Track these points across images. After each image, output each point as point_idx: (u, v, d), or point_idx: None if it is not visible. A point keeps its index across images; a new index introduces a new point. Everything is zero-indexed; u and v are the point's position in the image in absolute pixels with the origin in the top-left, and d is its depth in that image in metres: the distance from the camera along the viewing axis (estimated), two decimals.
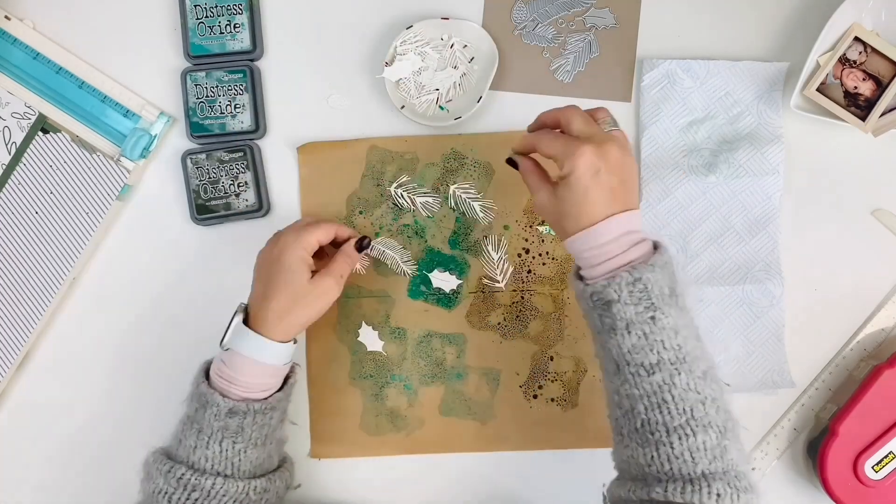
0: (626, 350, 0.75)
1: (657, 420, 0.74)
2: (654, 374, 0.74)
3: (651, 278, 0.74)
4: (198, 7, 1.01)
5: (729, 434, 0.75)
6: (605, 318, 0.76)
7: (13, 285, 1.02)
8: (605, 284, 0.75)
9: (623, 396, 0.76)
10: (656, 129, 1.01)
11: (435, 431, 1.01)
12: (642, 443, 0.75)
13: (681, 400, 0.74)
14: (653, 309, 0.74)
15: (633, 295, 0.74)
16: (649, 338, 0.74)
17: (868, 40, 0.95)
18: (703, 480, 0.72)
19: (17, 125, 1.02)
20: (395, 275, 1.02)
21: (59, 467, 1.04)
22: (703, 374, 0.75)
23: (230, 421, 0.84)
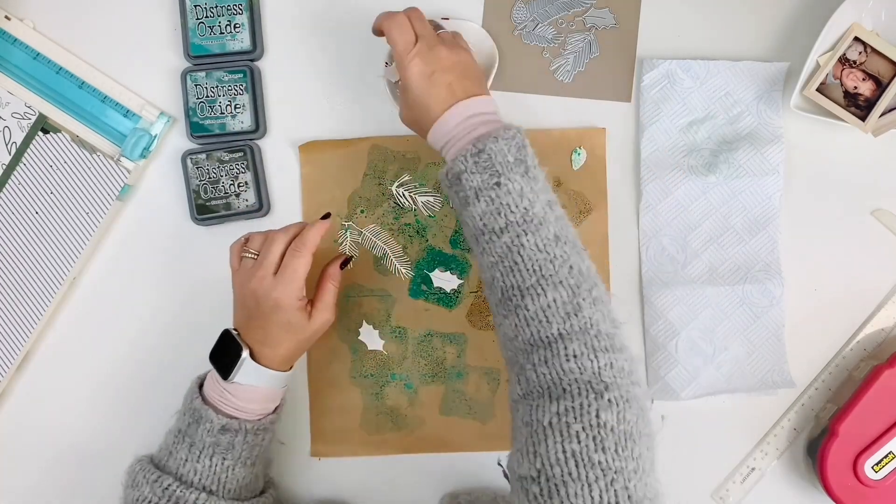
0: (479, 217, 0.78)
1: (512, 284, 0.76)
2: (503, 237, 0.77)
3: (494, 148, 0.79)
4: (198, 7, 1.01)
5: (584, 293, 0.75)
6: (459, 193, 0.80)
7: (13, 285, 1.02)
8: (453, 159, 0.81)
9: (485, 269, 0.80)
10: (656, 129, 1.01)
11: (435, 431, 1.01)
12: (506, 313, 0.77)
13: (529, 259, 0.76)
14: (497, 175, 0.78)
15: (478, 165, 0.79)
16: (495, 202, 0.78)
17: (868, 40, 0.95)
18: (560, 340, 0.73)
19: (18, 125, 1.02)
20: (395, 274, 1.02)
21: (58, 467, 1.04)
22: (554, 237, 0.77)
23: (222, 437, 0.85)
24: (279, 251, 0.86)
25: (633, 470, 0.67)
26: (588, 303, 0.75)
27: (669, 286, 1.00)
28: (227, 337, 0.87)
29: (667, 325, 0.99)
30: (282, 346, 0.86)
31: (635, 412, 0.70)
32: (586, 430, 0.68)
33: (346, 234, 1.02)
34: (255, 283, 0.85)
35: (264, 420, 0.88)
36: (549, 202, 0.80)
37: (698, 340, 0.99)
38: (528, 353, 0.74)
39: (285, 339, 0.86)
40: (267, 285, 0.85)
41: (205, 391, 0.88)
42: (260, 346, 0.86)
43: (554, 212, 0.79)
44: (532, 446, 0.69)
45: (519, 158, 0.79)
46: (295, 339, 0.87)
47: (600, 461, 0.66)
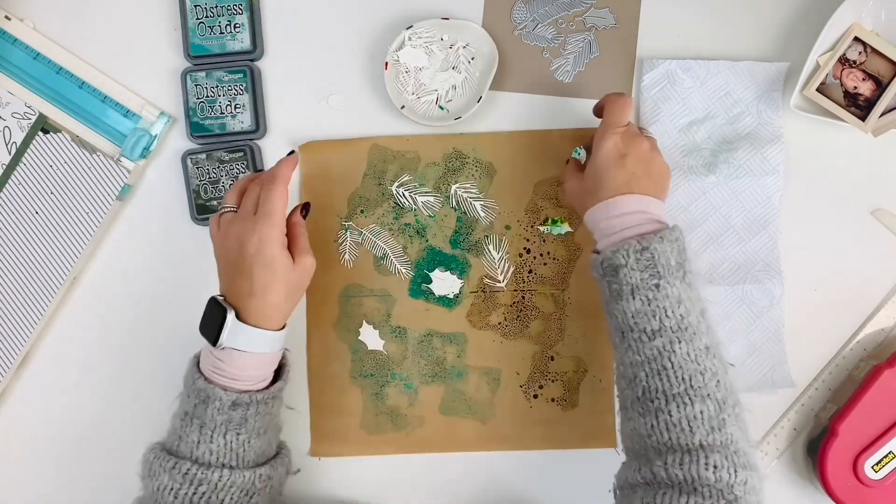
0: (630, 315, 0.79)
1: (657, 387, 0.77)
2: (655, 340, 0.78)
3: (658, 248, 0.79)
4: (198, 7, 1.01)
5: (728, 409, 0.77)
6: (612, 285, 0.81)
7: (13, 285, 1.02)
8: (615, 250, 0.80)
9: (627, 365, 0.80)
10: (656, 129, 1.01)
11: (435, 431, 1.01)
12: (643, 412, 0.78)
13: (679, 368, 0.77)
14: (657, 277, 0.79)
15: (639, 262, 0.79)
16: (652, 304, 0.78)
17: (868, 40, 0.96)
18: (701, 451, 0.74)
19: (18, 125, 1.02)
20: (395, 274, 1.02)
21: (58, 467, 1.04)
22: (705, 348, 0.78)
23: (234, 413, 0.84)
24: (255, 195, 0.86)
25: None
26: (732, 419, 0.77)
27: None
28: (212, 303, 0.86)
29: None
30: (270, 293, 0.84)
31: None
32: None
33: (346, 234, 1.02)
34: (236, 227, 0.85)
35: (273, 388, 0.87)
36: (702, 311, 0.81)
37: None
38: (661, 452, 0.76)
39: (272, 283, 0.84)
40: (248, 225, 0.84)
41: (201, 367, 0.86)
42: (247, 299, 0.84)
43: (706, 321, 0.81)
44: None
45: (680, 262, 0.80)
46: (283, 284, 0.84)
47: None
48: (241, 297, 0.84)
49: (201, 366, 0.86)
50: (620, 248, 0.80)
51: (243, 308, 0.84)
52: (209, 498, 0.82)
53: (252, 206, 0.86)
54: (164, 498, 0.82)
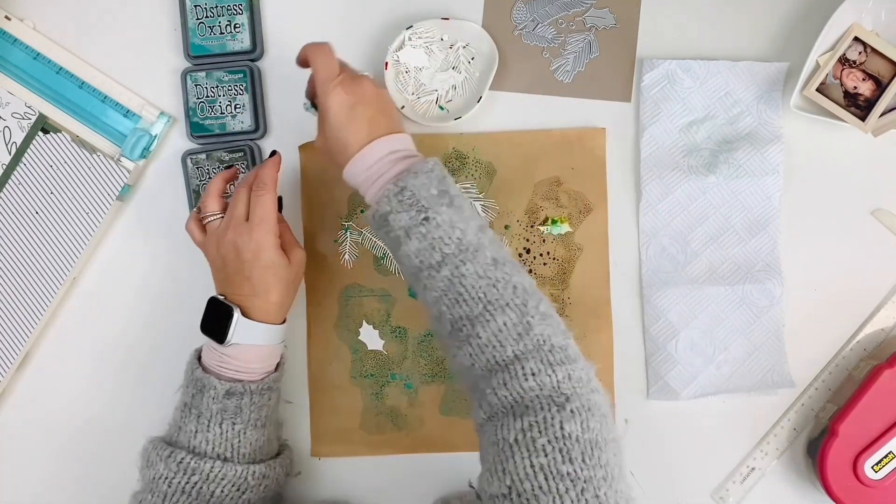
0: (413, 255, 0.78)
1: (460, 314, 0.76)
2: (442, 270, 0.77)
3: (415, 184, 0.79)
4: (198, 7, 1.01)
5: (531, 311, 0.75)
6: (389, 234, 0.80)
7: (13, 285, 1.02)
8: (377, 200, 0.80)
9: (430, 304, 0.80)
10: (656, 129, 1.01)
11: (435, 430, 1.01)
12: (459, 344, 0.77)
13: (472, 288, 0.76)
14: (424, 210, 0.78)
15: (402, 203, 0.78)
16: (427, 237, 0.77)
17: (868, 40, 0.96)
18: (516, 361, 0.73)
19: (18, 125, 1.02)
20: (395, 274, 1.02)
21: (59, 466, 1.04)
22: (492, 261, 0.78)
23: (228, 402, 0.85)
24: (244, 200, 0.88)
25: (602, 477, 0.67)
26: (537, 319, 0.75)
27: (669, 286, 1.00)
28: (213, 303, 0.88)
29: (667, 325, 0.99)
30: (272, 292, 0.87)
31: (598, 419, 0.71)
32: (552, 443, 0.68)
33: (346, 234, 1.01)
34: (231, 234, 0.86)
35: (267, 379, 0.89)
36: (480, 227, 0.80)
37: (698, 340, 0.99)
38: (486, 378, 0.75)
39: (273, 282, 0.87)
40: (243, 231, 0.86)
41: (203, 361, 0.88)
42: (250, 299, 0.86)
43: (487, 235, 0.80)
44: (500, 464, 0.69)
45: (442, 190, 0.79)
46: (282, 281, 0.87)
47: (568, 472, 0.66)
48: (244, 298, 0.87)
49: (204, 361, 0.88)
50: (381, 197, 0.79)
51: (247, 307, 0.86)
52: (200, 488, 0.83)
53: (243, 212, 0.87)
54: (159, 486, 0.84)
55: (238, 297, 0.87)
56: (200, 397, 0.86)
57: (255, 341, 0.86)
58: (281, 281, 0.87)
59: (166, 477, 0.84)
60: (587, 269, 1.01)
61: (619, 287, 1.01)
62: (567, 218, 1.01)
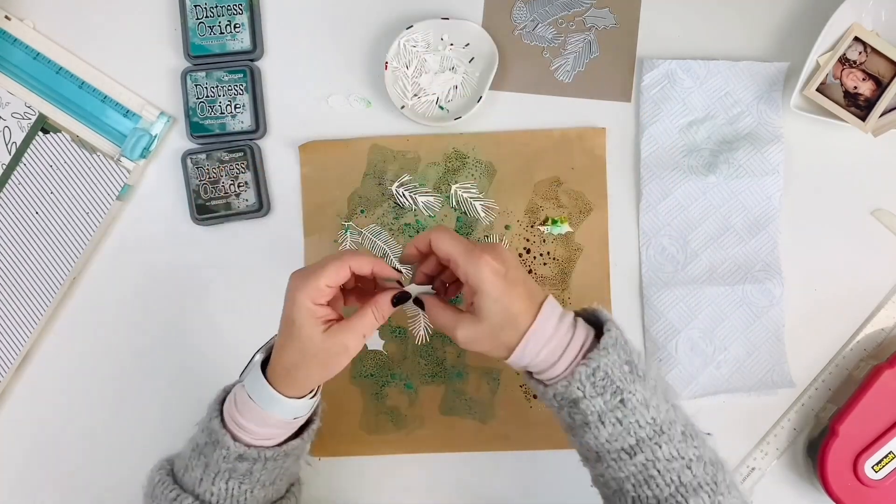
0: (604, 440, 0.72)
1: (647, 495, 0.72)
2: (636, 456, 0.72)
3: (607, 363, 0.71)
4: (198, 7, 1.01)
5: (721, 488, 0.72)
6: (575, 416, 0.73)
7: (13, 285, 1.02)
8: (567, 384, 0.72)
9: (609, 479, 0.74)
10: (656, 129, 1.01)
11: (435, 431, 1.01)
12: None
13: (666, 472, 0.71)
14: (619, 392, 0.71)
15: (595, 386, 0.71)
16: (623, 422, 0.71)
17: (868, 40, 0.96)
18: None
19: (17, 125, 1.02)
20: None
21: (58, 466, 1.04)
22: (682, 435, 0.73)
23: (239, 465, 0.78)
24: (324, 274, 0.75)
25: None
26: (726, 496, 0.72)
27: (669, 286, 1.00)
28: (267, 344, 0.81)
29: (667, 325, 1.00)
30: (284, 355, 0.75)
31: None
32: None
33: (346, 234, 1.01)
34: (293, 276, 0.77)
35: (285, 446, 0.79)
36: (663, 394, 0.75)
37: (698, 340, 0.99)
38: None
39: (289, 346, 0.75)
40: (293, 277, 0.76)
41: (224, 407, 0.79)
42: (275, 350, 0.77)
43: (669, 403, 0.75)
44: None
45: (630, 362, 0.73)
46: (298, 348, 0.75)
47: None
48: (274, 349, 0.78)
49: (225, 404, 0.79)
50: (572, 381, 0.71)
51: (271, 360, 0.78)
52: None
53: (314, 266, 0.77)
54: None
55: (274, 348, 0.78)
56: (212, 449, 0.78)
57: (259, 401, 0.76)
58: (296, 346, 0.75)
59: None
60: (587, 269, 1.01)
61: (619, 287, 1.01)
62: (567, 218, 1.01)
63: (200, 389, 0.87)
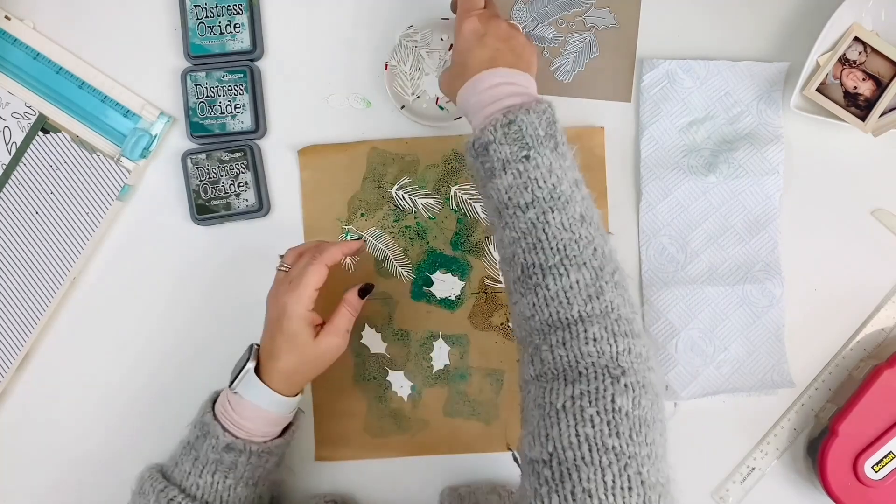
0: (504, 190, 0.76)
1: (534, 261, 0.74)
2: (529, 211, 0.74)
3: (525, 120, 0.76)
4: (198, 7, 1.01)
5: (606, 276, 0.73)
6: (485, 164, 0.77)
7: (13, 285, 1.02)
8: (483, 127, 0.77)
9: (506, 245, 0.77)
10: (656, 129, 1.01)
11: (439, 433, 1.01)
12: (524, 291, 0.75)
13: (554, 238, 0.73)
14: (526, 148, 0.75)
15: (507, 136, 0.76)
16: (523, 175, 0.75)
17: (868, 40, 0.96)
18: (580, 322, 0.71)
19: (17, 125, 1.02)
20: (396, 277, 1.02)
21: (58, 467, 1.04)
22: (580, 216, 0.75)
23: (226, 455, 0.85)
24: (302, 265, 0.87)
25: (646, 455, 0.66)
26: (610, 286, 0.73)
27: (669, 286, 1.00)
28: (248, 349, 0.88)
29: (667, 325, 1.00)
30: (281, 360, 0.84)
31: (650, 398, 0.69)
32: (601, 415, 0.67)
33: (346, 238, 1.01)
34: (274, 289, 0.88)
35: (270, 444, 0.87)
36: (576, 181, 0.77)
37: (698, 340, 1.00)
38: (544, 333, 0.73)
39: (286, 351, 0.84)
40: (282, 292, 0.85)
41: (216, 406, 0.87)
42: (266, 359, 0.86)
43: (580, 191, 0.77)
44: (545, 429, 0.68)
45: (549, 133, 0.76)
46: (296, 354, 0.85)
47: (614, 446, 0.66)
48: (264, 355, 0.86)
49: (217, 403, 0.88)
50: (487, 125, 0.77)
51: (263, 365, 0.86)
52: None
53: (295, 275, 0.86)
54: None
55: (263, 352, 0.87)
56: (202, 441, 0.86)
57: (255, 400, 0.85)
58: (295, 353, 0.85)
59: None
60: None
61: None
62: None
63: (200, 389, 0.88)
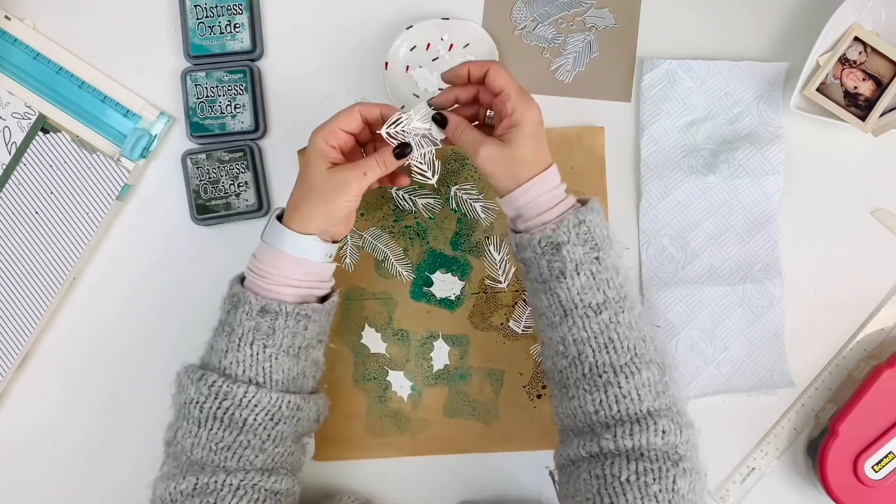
0: (576, 292, 0.77)
1: (605, 361, 0.77)
2: (602, 314, 0.77)
3: (594, 220, 0.79)
4: (198, 7, 1.01)
5: (668, 371, 0.78)
6: (553, 263, 0.78)
7: (13, 285, 1.02)
8: (555, 227, 0.78)
9: (570, 343, 0.79)
10: (656, 129, 1.01)
11: (439, 433, 1.01)
12: (590, 388, 0.77)
13: (625, 338, 0.77)
14: (597, 249, 0.78)
15: (579, 236, 0.78)
16: (596, 277, 0.77)
17: (868, 40, 0.96)
18: (650, 418, 0.75)
19: (17, 125, 1.02)
20: (396, 277, 1.02)
21: (58, 467, 1.04)
22: (639, 314, 0.79)
23: (261, 321, 0.82)
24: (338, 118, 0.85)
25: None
26: (672, 381, 0.78)
27: (669, 286, 1.00)
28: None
29: (667, 325, 1.00)
30: (295, 191, 0.84)
31: (702, 484, 0.76)
32: (664, 493, 0.72)
33: (346, 238, 1.01)
34: None
35: (305, 306, 0.83)
36: (627, 278, 0.81)
37: (698, 340, 1.00)
38: (608, 426, 0.76)
39: (299, 182, 0.84)
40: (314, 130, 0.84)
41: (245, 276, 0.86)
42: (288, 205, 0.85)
43: (632, 287, 0.81)
44: (607, 497, 0.72)
45: (608, 232, 0.80)
46: (307, 184, 0.83)
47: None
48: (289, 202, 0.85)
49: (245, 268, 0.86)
50: (560, 225, 0.78)
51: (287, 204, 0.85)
52: (233, 414, 0.80)
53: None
54: (191, 412, 0.81)
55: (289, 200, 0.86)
56: (235, 312, 0.83)
57: (276, 243, 0.83)
58: (306, 181, 0.83)
59: (197, 402, 0.81)
60: None
61: None
62: None
63: None
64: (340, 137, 0.84)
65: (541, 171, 0.81)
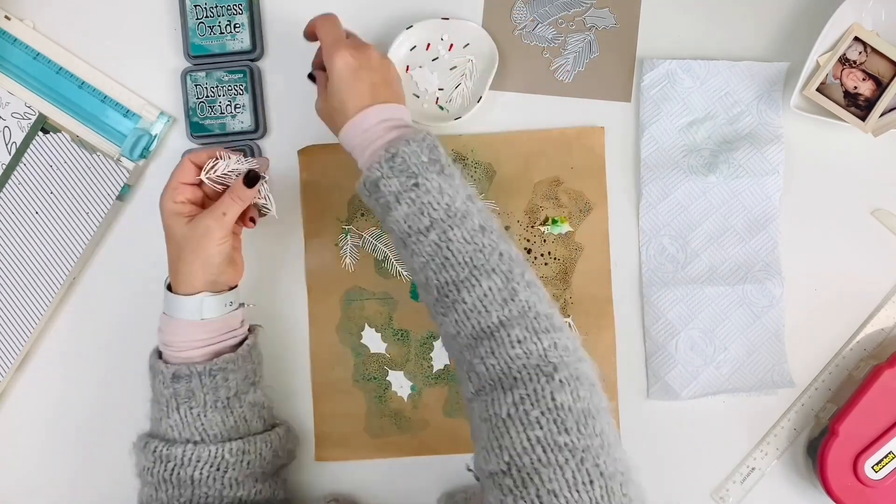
0: (402, 220, 0.79)
1: (446, 279, 0.77)
2: (430, 234, 0.77)
3: (406, 150, 0.79)
4: (198, 7, 1.01)
5: (517, 278, 0.76)
6: (379, 200, 0.80)
7: (13, 285, 1.02)
8: (369, 166, 0.80)
9: (418, 272, 0.80)
10: (656, 129, 1.01)
11: (439, 432, 1.01)
12: (445, 311, 0.77)
13: (459, 252, 0.77)
14: (413, 176, 0.78)
15: (393, 168, 0.79)
16: (416, 202, 0.78)
17: (868, 40, 0.96)
18: (501, 328, 0.73)
19: (17, 125, 1.02)
20: (396, 277, 1.01)
21: (58, 466, 1.04)
22: (479, 227, 0.78)
23: (177, 387, 0.85)
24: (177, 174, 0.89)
25: (599, 446, 0.68)
26: (522, 286, 0.76)
27: (669, 286, 1.00)
28: None
29: (667, 325, 1.00)
30: (168, 257, 0.87)
31: (587, 388, 0.71)
32: (545, 415, 0.69)
33: (346, 238, 1.01)
34: None
35: (218, 360, 0.86)
36: (469, 196, 0.80)
37: (698, 340, 1.00)
38: (473, 347, 0.75)
39: (168, 247, 0.87)
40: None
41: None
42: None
43: (475, 204, 0.80)
44: (496, 440, 0.70)
45: (433, 158, 0.80)
46: (175, 245, 0.86)
47: (566, 442, 0.67)
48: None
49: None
50: (373, 163, 0.80)
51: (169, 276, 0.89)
52: (179, 474, 0.84)
53: None
54: (145, 478, 0.87)
55: None
56: (154, 383, 0.87)
57: (168, 311, 0.88)
58: (173, 243, 0.86)
59: (147, 468, 0.86)
60: (588, 269, 1.01)
61: (619, 287, 1.01)
62: (567, 217, 1.01)
63: None
64: (185, 191, 0.88)
65: (353, 116, 0.83)
